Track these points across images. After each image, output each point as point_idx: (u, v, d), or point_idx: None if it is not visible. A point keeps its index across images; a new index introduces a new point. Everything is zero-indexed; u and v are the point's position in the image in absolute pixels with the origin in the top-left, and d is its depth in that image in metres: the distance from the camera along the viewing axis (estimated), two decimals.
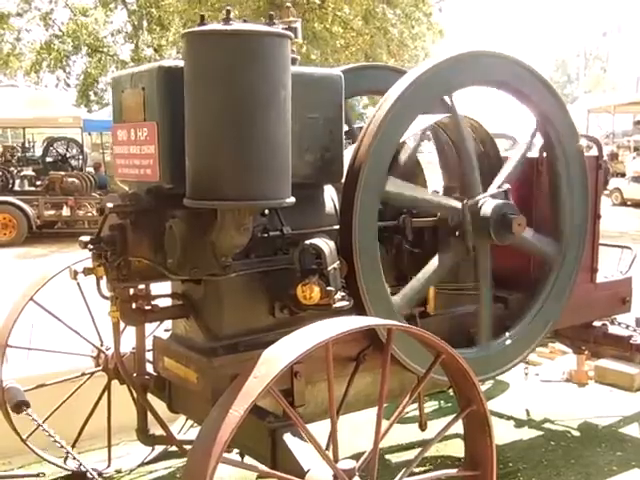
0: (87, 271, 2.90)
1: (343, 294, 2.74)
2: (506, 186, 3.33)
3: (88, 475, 3.52)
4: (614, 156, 23.62)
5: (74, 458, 3.53)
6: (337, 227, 2.99)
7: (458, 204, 3.22)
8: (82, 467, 3.50)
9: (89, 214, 13.94)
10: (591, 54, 63.61)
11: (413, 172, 3.58)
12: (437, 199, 3.33)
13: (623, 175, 22.11)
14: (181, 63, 2.59)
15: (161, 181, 2.72)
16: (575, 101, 31.44)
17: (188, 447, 2.54)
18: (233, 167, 2.43)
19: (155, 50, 27.57)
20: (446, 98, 3.26)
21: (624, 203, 20.44)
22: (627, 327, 4.47)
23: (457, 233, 3.23)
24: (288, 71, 2.51)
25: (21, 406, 3.54)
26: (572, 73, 65.58)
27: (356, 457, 2.35)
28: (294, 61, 2.84)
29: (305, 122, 2.88)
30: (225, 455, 2.13)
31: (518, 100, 3.47)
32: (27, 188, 15.25)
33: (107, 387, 3.90)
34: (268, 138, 2.44)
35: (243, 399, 2.11)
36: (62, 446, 3.50)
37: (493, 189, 3.31)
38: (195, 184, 2.51)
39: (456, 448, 4.12)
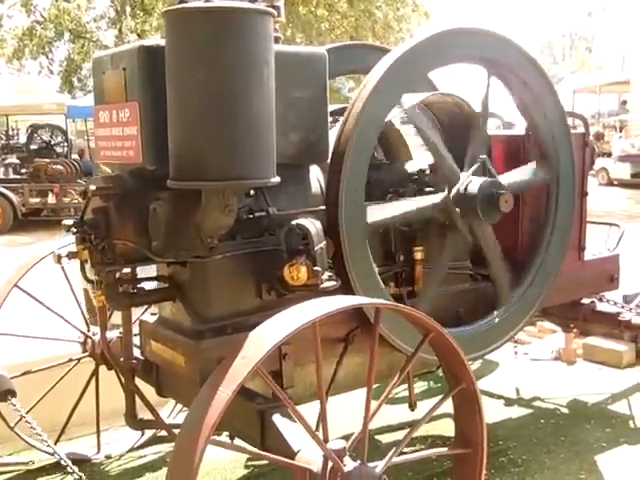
0: (71, 255, 2.87)
1: (330, 274, 2.72)
2: (482, 156, 3.27)
3: (65, 466, 3.44)
4: (600, 136, 23.69)
5: (54, 453, 3.43)
6: (323, 207, 2.97)
7: (438, 198, 3.18)
8: (62, 461, 3.40)
9: (75, 201, 13.83)
10: (576, 34, 63.60)
11: (398, 152, 3.56)
12: (415, 206, 3.18)
13: (609, 155, 22.18)
14: (162, 42, 2.55)
15: (144, 163, 2.69)
16: (561, 82, 31.40)
17: (177, 431, 2.52)
18: (216, 147, 2.39)
19: (139, 35, 27.31)
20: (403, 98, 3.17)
21: (610, 183, 20.51)
22: (615, 304, 4.48)
23: (446, 222, 3.21)
24: (271, 49, 2.47)
25: (6, 395, 3.50)
26: (558, 54, 65.51)
27: (346, 438, 2.34)
28: (277, 40, 2.81)
29: (289, 101, 2.85)
30: (214, 437, 2.12)
31: (503, 76, 3.44)
32: (12, 176, 15.12)
33: (95, 373, 3.88)
34: (251, 117, 2.41)
35: (231, 380, 2.10)
36: (44, 440, 3.43)
37: (467, 166, 3.26)
38: (178, 165, 2.47)
39: (446, 428, 4.13)
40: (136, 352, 3.27)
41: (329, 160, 2.98)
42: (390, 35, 22.98)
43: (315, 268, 2.63)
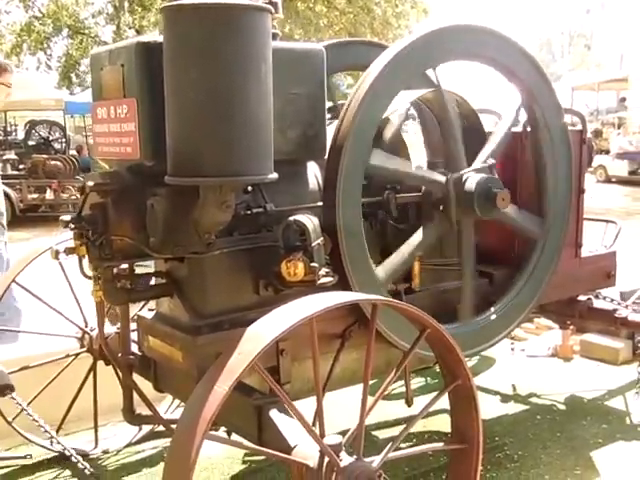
0: (69, 251, 2.88)
1: (327, 270, 2.73)
2: (491, 161, 3.32)
3: (72, 459, 3.52)
4: (598, 133, 23.70)
5: (58, 442, 3.50)
6: (321, 203, 2.97)
7: (442, 178, 3.21)
8: (67, 451, 3.47)
9: (73, 197, 13.84)
10: (575, 32, 63.60)
11: (397, 149, 3.57)
12: (421, 173, 3.31)
13: (607, 152, 22.20)
14: (160, 39, 2.55)
15: (142, 159, 2.69)
16: (559, 79, 31.41)
17: (175, 426, 2.53)
18: (214, 143, 2.40)
19: (137, 31, 27.29)
20: (430, 72, 3.24)
21: (608, 180, 20.55)
22: (612, 301, 4.50)
23: (441, 207, 3.22)
24: (269, 45, 2.48)
25: (5, 390, 3.51)
26: (556, 51, 65.52)
27: (343, 433, 2.35)
28: (275, 36, 2.82)
29: (287, 98, 2.85)
30: (211, 432, 2.13)
31: (503, 75, 3.46)
32: (10, 172, 15.11)
33: (92, 368, 3.89)
34: (249, 113, 2.41)
35: (228, 376, 2.10)
36: (46, 430, 3.47)
37: (478, 164, 3.30)
38: (176, 161, 2.48)
39: (442, 424, 4.15)
40: (134, 347, 3.27)
41: (326, 156, 2.98)
42: (389, 31, 23.01)
43: (312, 264, 2.64)
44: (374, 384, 3.26)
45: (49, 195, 14.27)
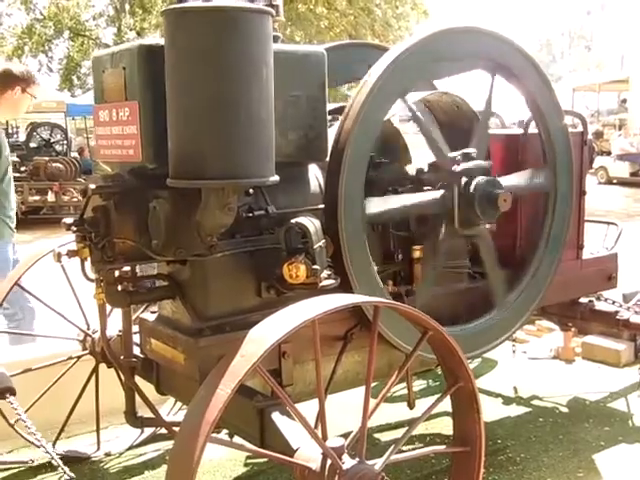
0: (71, 253, 2.88)
1: (329, 273, 2.73)
2: (472, 150, 3.24)
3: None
4: (599, 134, 23.70)
5: (46, 451, 3.43)
6: (322, 206, 2.98)
7: (438, 194, 3.18)
8: (52, 458, 3.41)
9: (74, 199, 13.86)
10: (575, 33, 63.63)
11: (397, 150, 3.56)
12: (419, 200, 3.20)
13: (609, 153, 22.21)
14: (162, 42, 2.55)
15: (144, 161, 2.69)
16: (560, 80, 31.42)
17: (177, 429, 2.54)
18: (216, 146, 2.40)
19: (138, 33, 27.36)
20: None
21: (610, 181, 20.55)
22: (613, 303, 4.49)
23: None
24: (270, 48, 2.48)
25: (5, 393, 3.51)
26: (557, 52, 65.56)
27: (345, 436, 2.35)
28: (276, 39, 2.82)
29: (288, 100, 2.86)
30: (214, 435, 2.13)
31: (505, 78, 3.45)
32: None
33: (95, 370, 3.89)
34: (250, 115, 2.41)
35: (230, 378, 2.10)
36: (37, 439, 3.41)
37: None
38: (178, 164, 2.48)
39: (445, 426, 4.15)
40: (136, 350, 3.27)
41: (328, 159, 2.99)
42: (389, 33, 23.01)
43: (314, 266, 2.64)
44: (376, 387, 3.26)
45: (50, 197, 14.28)
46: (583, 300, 4.40)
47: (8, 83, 4.88)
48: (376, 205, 3.01)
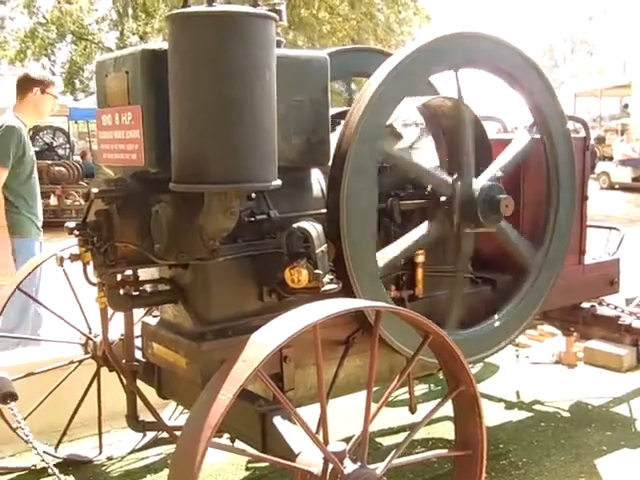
0: (73, 257, 2.88)
1: (331, 277, 2.73)
2: (499, 174, 3.31)
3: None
4: (601, 140, 23.71)
5: (42, 459, 3.41)
6: (324, 210, 2.98)
7: (449, 178, 3.21)
8: (48, 465, 3.38)
9: (76, 203, 13.87)
10: (578, 38, 63.67)
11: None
12: (432, 170, 3.28)
13: (611, 159, 22.20)
14: (165, 46, 2.56)
15: (146, 166, 2.70)
16: (562, 85, 31.44)
17: (179, 433, 2.54)
18: (218, 150, 2.40)
19: (140, 38, 27.39)
20: (454, 75, 3.22)
21: (612, 187, 20.55)
22: (615, 308, 4.49)
23: (446, 207, 3.23)
24: (273, 53, 2.49)
25: (7, 398, 3.50)
26: (559, 58, 65.60)
27: (346, 440, 2.35)
28: (279, 44, 2.82)
29: (291, 105, 2.86)
30: (215, 440, 2.13)
31: (507, 83, 3.46)
32: None
33: (96, 374, 3.89)
34: (253, 120, 2.42)
35: (232, 383, 2.10)
36: (34, 447, 3.41)
37: (487, 175, 3.29)
38: (180, 168, 2.49)
39: (446, 430, 4.15)
40: (138, 354, 3.27)
41: (330, 163, 2.99)
42: (391, 38, 23.01)
43: (316, 271, 2.64)
44: (377, 391, 3.26)
45: (53, 201, 14.28)
46: (585, 305, 4.40)
47: (27, 86, 5.16)
48: (387, 255, 3.07)
